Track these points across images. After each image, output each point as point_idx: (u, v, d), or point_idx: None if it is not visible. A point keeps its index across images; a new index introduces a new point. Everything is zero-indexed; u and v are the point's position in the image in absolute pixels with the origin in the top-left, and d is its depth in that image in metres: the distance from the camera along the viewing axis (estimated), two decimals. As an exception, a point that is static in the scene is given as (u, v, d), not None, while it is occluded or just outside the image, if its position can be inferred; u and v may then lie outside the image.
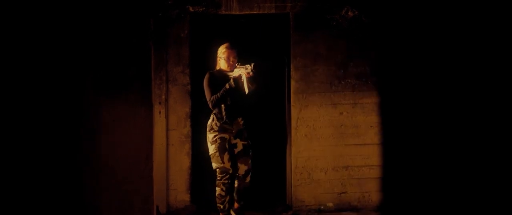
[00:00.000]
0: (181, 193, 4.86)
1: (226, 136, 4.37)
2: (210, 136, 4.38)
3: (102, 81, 4.50)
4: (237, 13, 4.87)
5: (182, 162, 4.85)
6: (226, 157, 4.35)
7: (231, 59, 4.36)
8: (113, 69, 4.52)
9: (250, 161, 4.44)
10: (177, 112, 4.85)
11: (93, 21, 4.51)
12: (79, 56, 4.49)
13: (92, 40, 4.50)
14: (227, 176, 4.38)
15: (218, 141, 4.35)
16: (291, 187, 4.95)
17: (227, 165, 4.37)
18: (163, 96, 4.78)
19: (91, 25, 4.51)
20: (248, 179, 4.45)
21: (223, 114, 4.35)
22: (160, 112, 4.74)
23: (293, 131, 4.89)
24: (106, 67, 4.51)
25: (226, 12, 4.86)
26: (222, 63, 4.41)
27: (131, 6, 4.55)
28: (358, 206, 4.93)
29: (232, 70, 4.36)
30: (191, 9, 4.84)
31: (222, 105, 4.34)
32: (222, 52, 4.42)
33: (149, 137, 4.58)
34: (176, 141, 4.85)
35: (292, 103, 4.89)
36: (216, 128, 4.36)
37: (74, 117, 4.47)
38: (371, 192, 4.93)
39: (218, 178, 4.40)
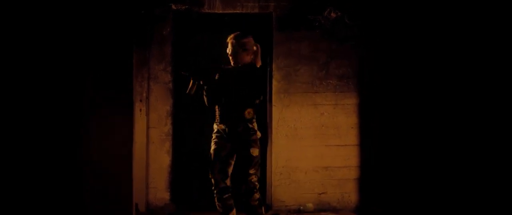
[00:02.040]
0: (161, 191, 4.84)
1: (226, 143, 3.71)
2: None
3: (83, 78, 4.48)
4: (220, 11, 4.87)
5: (162, 160, 4.83)
6: (216, 166, 3.70)
7: (229, 53, 3.71)
8: (93, 66, 4.50)
9: (252, 178, 3.64)
10: (158, 109, 4.83)
11: (76, 17, 4.48)
12: (59, 52, 4.45)
13: (74, 37, 4.47)
14: (219, 190, 3.70)
15: (213, 146, 3.73)
16: (271, 187, 4.95)
17: (218, 176, 3.70)
18: (144, 94, 4.76)
19: (74, 21, 4.47)
20: (254, 198, 3.67)
21: (217, 114, 3.75)
22: (140, 110, 4.72)
23: (274, 131, 4.89)
24: (86, 63, 4.48)
25: (209, 11, 4.85)
26: None
27: (113, 3, 4.52)
28: (338, 207, 4.94)
29: (237, 65, 3.72)
30: (174, 7, 4.82)
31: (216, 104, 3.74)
32: None
33: (130, 135, 4.56)
34: (156, 139, 4.83)
35: (273, 103, 4.89)
36: (214, 130, 3.77)
37: (55, 115, 4.44)
38: (351, 193, 4.95)
39: (213, 188, 3.76)
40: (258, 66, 3.73)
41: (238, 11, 4.86)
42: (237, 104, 3.64)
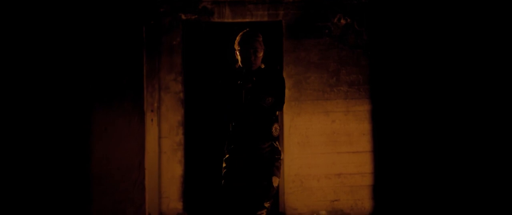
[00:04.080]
0: (173, 201, 4.84)
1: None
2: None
3: (95, 89, 4.51)
4: (230, 20, 4.88)
5: (174, 170, 4.84)
6: (233, 197, 3.01)
7: (248, 54, 3.03)
8: (105, 77, 4.53)
9: (263, 213, 3.01)
10: (169, 119, 4.84)
11: (86, 28, 4.51)
12: (72, 63, 4.48)
13: (85, 48, 4.50)
14: None
15: (227, 175, 3.04)
16: (284, 195, 4.93)
17: (237, 208, 3.02)
18: (156, 104, 4.77)
19: (85, 32, 4.51)
20: None
21: (233, 132, 3.07)
22: (152, 120, 4.73)
23: (285, 139, 4.88)
24: (98, 75, 4.51)
25: (219, 20, 4.86)
26: None
27: (123, 15, 4.55)
28: (351, 214, 4.91)
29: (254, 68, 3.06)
30: (183, 17, 4.84)
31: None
32: None
33: (141, 145, 4.58)
34: (168, 149, 4.84)
35: (284, 111, 4.89)
36: (227, 154, 3.09)
37: (67, 124, 4.46)
38: (364, 200, 4.93)
39: None
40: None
41: (247, 20, 4.87)
42: (262, 117, 3.02)
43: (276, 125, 3.06)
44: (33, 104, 4.41)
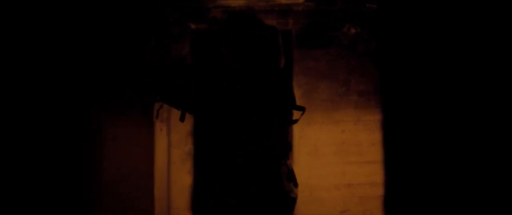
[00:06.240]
0: (183, 212, 4.82)
1: None
2: None
3: (104, 98, 4.51)
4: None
5: (183, 180, 4.82)
6: None
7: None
8: (114, 86, 4.53)
9: None
10: (179, 129, 4.83)
11: (95, 36, 4.52)
12: (81, 72, 4.49)
13: (94, 56, 4.51)
14: None
15: None
16: (293, 205, 4.91)
17: None
18: (165, 114, 4.76)
19: (93, 40, 4.52)
20: None
21: None
22: (161, 129, 4.72)
23: (295, 149, 4.86)
24: (107, 83, 4.52)
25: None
26: None
27: (131, 23, 4.56)
28: (361, 224, 4.90)
29: None
30: (193, 26, 4.84)
31: None
32: None
33: (150, 155, 4.57)
34: (177, 159, 4.83)
35: (294, 121, 4.87)
36: None
37: (76, 133, 4.46)
38: (374, 210, 4.90)
39: None
40: None
41: (257, 29, 4.86)
42: None
43: None
44: (43, 110, 4.42)
